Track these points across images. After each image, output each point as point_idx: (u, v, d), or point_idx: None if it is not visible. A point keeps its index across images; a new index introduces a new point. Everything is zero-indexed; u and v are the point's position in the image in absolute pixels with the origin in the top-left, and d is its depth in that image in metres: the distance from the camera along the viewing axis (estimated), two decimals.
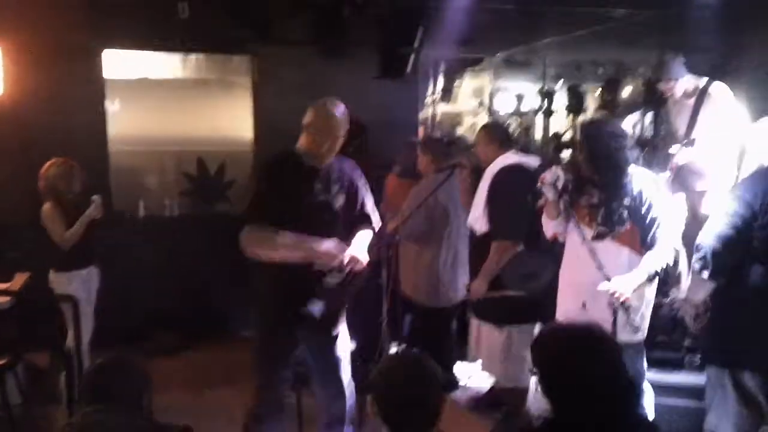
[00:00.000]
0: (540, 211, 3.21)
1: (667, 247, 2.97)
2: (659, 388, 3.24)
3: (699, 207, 4.10)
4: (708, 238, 2.78)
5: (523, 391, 3.35)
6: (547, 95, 10.62)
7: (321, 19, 5.42)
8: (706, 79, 4.03)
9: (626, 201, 2.99)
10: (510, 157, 3.72)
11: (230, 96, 6.04)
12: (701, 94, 4.00)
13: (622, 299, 2.78)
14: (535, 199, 3.12)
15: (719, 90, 3.97)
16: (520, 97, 10.69)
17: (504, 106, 10.59)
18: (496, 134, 3.87)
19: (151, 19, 5.18)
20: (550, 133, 9.79)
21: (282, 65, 5.65)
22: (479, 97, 10.46)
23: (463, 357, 4.34)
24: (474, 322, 3.88)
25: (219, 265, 4.97)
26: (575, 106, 9.99)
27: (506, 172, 3.62)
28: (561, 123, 10.45)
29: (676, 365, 3.57)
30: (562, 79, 10.02)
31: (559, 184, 3.04)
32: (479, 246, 3.77)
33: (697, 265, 2.81)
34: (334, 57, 5.65)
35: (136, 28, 5.19)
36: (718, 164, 3.94)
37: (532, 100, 10.98)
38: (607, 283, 2.81)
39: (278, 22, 5.43)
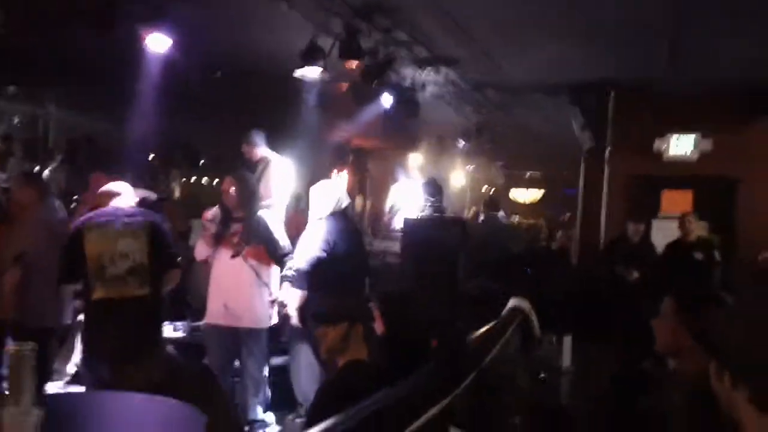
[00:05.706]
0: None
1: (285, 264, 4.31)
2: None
3: None
4: (299, 263, 4.24)
5: None
6: None
7: None
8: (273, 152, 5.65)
9: (256, 229, 4.17)
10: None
11: None
12: (269, 162, 5.55)
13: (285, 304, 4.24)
14: None
15: (280, 160, 5.62)
16: None
17: None
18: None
19: None
20: None
21: None
22: None
23: None
24: None
25: None
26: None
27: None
28: None
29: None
30: None
31: (217, 220, 4.07)
32: None
33: (289, 282, 4.27)
34: None
35: None
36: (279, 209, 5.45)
37: None
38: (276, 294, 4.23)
39: None
